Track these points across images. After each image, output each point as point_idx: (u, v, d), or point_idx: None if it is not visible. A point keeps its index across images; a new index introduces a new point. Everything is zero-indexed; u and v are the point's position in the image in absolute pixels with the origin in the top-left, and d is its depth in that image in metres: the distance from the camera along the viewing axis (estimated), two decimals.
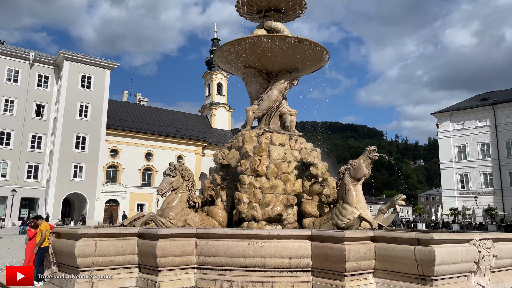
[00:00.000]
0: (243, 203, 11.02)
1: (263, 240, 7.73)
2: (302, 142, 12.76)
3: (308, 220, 11.31)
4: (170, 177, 10.86)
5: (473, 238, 7.49)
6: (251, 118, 13.14)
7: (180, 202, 10.75)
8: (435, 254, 6.61)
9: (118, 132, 54.61)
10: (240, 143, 12.51)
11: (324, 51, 12.93)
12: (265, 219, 10.75)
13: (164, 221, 10.23)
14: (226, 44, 12.75)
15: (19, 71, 47.20)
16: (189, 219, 10.69)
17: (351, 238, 7.34)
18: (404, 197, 9.93)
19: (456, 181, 60.12)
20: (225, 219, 11.47)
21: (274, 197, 10.95)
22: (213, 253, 7.87)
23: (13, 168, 45.19)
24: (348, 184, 10.31)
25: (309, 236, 7.84)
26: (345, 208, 10.19)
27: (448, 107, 64.49)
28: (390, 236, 7.49)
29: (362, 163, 10.17)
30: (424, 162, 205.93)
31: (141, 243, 8.07)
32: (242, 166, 11.69)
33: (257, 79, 13.37)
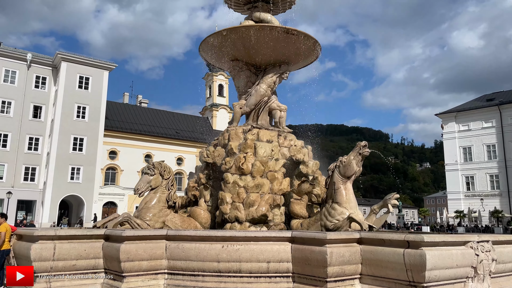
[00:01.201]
0: (226, 203, 10.33)
1: (238, 243, 7.00)
2: (292, 139, 12.06)
3: (297, 221, 10.61)
4: (148, 175, 10.19)
5: (470, 240, 6.73)
6: (238, 114, 12.47)
7: (159, 202, 10.07)
8: (426, 257, 5.87)
9: (117, 134, 54.02)
10: (226, 140, 11.84)
11: (315, 42, 12.24)
12: (249, 220, 10.04)
13: (140, 222, 9.55)
14: (210, 36, 12.09)
15: (16, 72, 46.68)
16: (168, 220, 10.00)
17: (334, 240, 6.61)
18: (397, 197, 9.20)
19: (462, 183, 59.13)
20: (208, 221, 10.77)
21: (259, 197, 10.24)
22: (184, 257, 7.15)
23: (9, 170, 44.61)
24: (338, 182, 9.59)
25: (289, 238, 7.11)
26: (334, 208, 9.48)
27: (453, 108, 63.48)
28: (377, 238, 6.75)
29: (352, 160, 9.46)
30: (431, 164, 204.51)
31: (106, 246, 7.37)
32: (226, 164, 11.01)
33: (245, 72, 12.70)
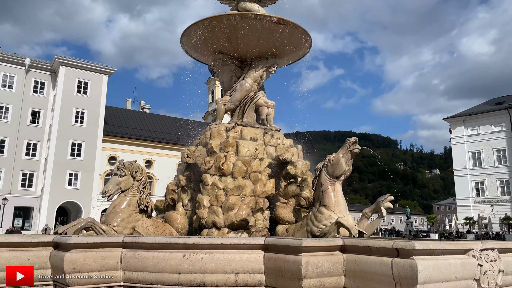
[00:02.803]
0: (203, 207, 9.37)
1: (202, 251, 6.03)
2: (280, 138, 11.10)
3: (282, 227, 9.62)
4: (118, 176, 9.27)
5: (472, 248, 5.71)
6: (221, 111, 11.53)
7: (129, 206, 9.12)
8: (418, 269, 4.88)
9: (117, 139, 53.23)
10: (207, 138, 10.91)
11: (304, 33, 11.31)
12: (227, 226, 9.06)
13: (105, 228, 8.60)
14: (191, 26, 11.19)
15: (14, 77, 46.13)
16: (138, 226, 9.05)
17: (311, 247, 5.62)
18: (392, 198, 8.18)
19: (471, 189, 57.56)
20: (185, 226, 9.80)
21: (239, 200, 9.27)
22: (141, 267, 6.18)
23: (6, 176, 43.90)
24: (325, 183, 8.61)
25: (262, 245, 6.13)
26: (321, 212, 8.49)
27: (461, 112, 62.03)
28: (363, 246, 5.75)
29: (341, 158, 8.47)
30: (440, 171, 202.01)
31: (53, 255, 6.42)
32: (206, 165, 10.07)
33: (229, 66, 11.77)
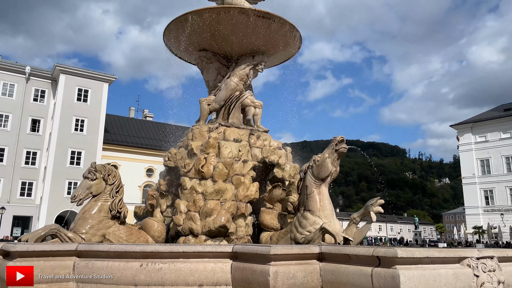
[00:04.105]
0: (179, 213, 8.70)
1: (161, 260, 5.35)
2: (266, 139, 10.43)
3: (266, 234, 8.93)
4: (89, 180, 8.59)
5: (467, 256, 4.98)
6: (205, 111, 10.90)
7: (100, 211, 8.45)
8: (400, 280, 4.17)
9: (117, 148, 52.69)
10: (189, 140, 10.27)
11: (292, 29, 10.68)
12: (205, 233, 8.36)
13: (72, 235, 7.93)
14: (172, 22, 10.61)
15: (14, 85, 45.83)
16: (109, 233, 8.37)
17: (282, 255, 4.92)
18: (382, 202, 7.44)
19: (480, 197, 56.20)
20: (162, 234, 9.11)
21: (218, 205, 8.58)
22: (94, 279, 5.51)
23: (5, 185, 43.36)
24: (311, 186, 7.92)
25: (230, 253, 5.45)
26: (306, 217, 7.79)
27: (469, 119, 60.81)
28: (341, 253, 5.04)
29: (326, 158, 7.79)
30: (450, 180, 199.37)
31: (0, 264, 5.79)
32: (186, 167, 9.42)
33: (214, 64, 11.17)
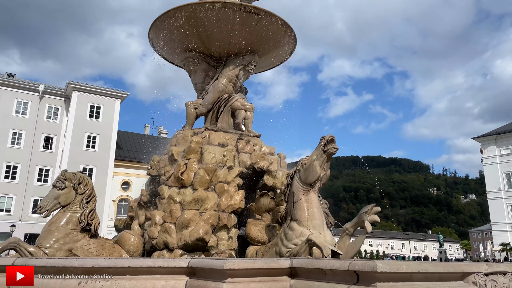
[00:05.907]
0: (154, 225, 7.85)
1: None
2: (257, 144, 9.55)
3: (253, 248, 7.98)
4: (57, 189, 7.84)
5: (473, 271, 4.02)
6: (191, 115, 10.12)
7: (67, 224, 7.68)
8: None
9: (130, 164, 52.25)
10: (172, 146, 9.50)
11: (284, 26, 9.89)
12: (181, 247, 7.46)
13: (33, 250, 7.16)
14: (155, 21, 9.93)
15: (28, 103, 46.13)
16: (77, 247, 7.56)
17: (240, 271, 4.02)
18: (378, 210, 6.43)
19: (507, 212, 53.58)
20: (139, 248, 8.27)
21: (197, 215, 7.69)
22: None
23: (17, 203, 43.28)
24: (298, 192, 6.99)
25: (186, 268, 4.57)
26: (292, 228, 6.84)
27: (492, 131, 58.48)
28: (315, 268, 4.12)
29: (314, 161, 6.86)
30: (476, 196, 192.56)
31: None
32: (165, 175, 8.61)
33: (201, 66, 10.41)
